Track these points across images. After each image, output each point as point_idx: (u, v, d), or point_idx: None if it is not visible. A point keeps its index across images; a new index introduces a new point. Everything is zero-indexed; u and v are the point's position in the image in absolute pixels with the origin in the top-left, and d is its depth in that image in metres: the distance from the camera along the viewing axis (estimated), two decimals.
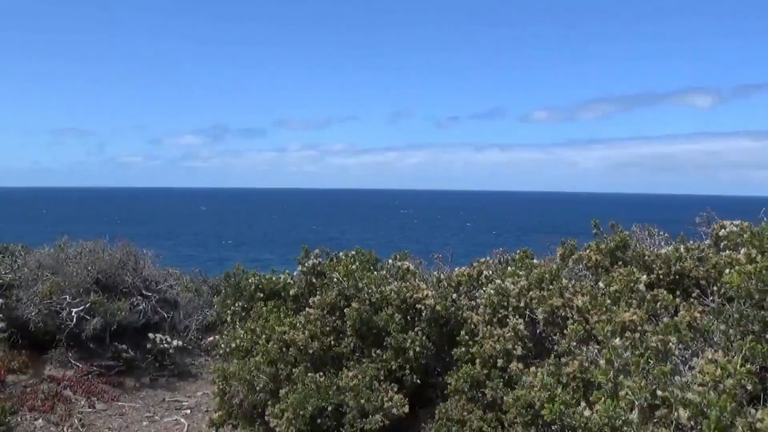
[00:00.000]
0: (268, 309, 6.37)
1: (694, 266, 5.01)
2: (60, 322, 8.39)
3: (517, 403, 3.87)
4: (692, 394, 2.92)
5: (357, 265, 5.68)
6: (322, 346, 5.29)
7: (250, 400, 5.81)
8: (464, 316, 5.09)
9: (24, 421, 6.71)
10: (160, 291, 10.03)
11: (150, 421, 7.22)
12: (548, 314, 4.56)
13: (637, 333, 3.87)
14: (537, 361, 4.48)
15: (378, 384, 4.83)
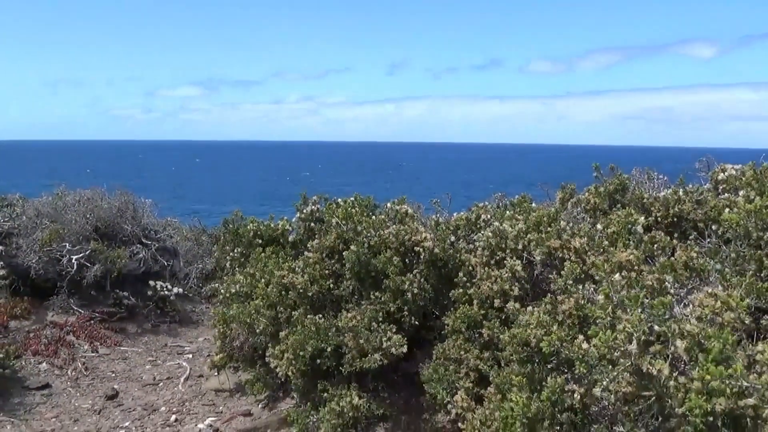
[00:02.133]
0: (267, 255, 6.39)
1: (693, 209, 5.01)
2: (60, 269, 8.44)
3: (514, 341, 3.91)
4: (690, 326, 2.94)
5: (356, 209, 5.67)
6: (321, 289, 5.32)
7: (250, 342, 5.90)
8: (462, 258, 5.10)
9: (28, 364, 6.82)
10: (160, 240, 10.08)
11: (153, 364, 7.34)
12: (546, 256, 4.57)
13: (633, 272, 3.89)
14: (534, 303, 4.52)
15: (377, 325, 4.88)
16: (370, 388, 5.19)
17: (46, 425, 5.54)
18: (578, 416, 3.64)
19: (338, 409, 4.74)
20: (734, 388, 2.65)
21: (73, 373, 6.81)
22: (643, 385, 3.07)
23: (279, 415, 5.31)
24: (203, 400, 6.06)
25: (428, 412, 5.03)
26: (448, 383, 4.52)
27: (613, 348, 2.93)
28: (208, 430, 5.28)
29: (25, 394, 6.18)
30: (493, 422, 3.76)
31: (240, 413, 5.57)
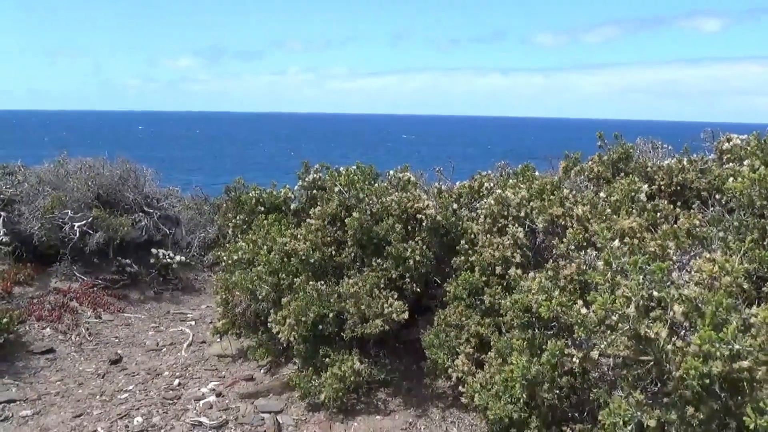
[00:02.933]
0: (269, 222, 6.40)
1: (696, 178, 4.99)
2: (63, 236, 8.47)
3: (515, 306, 3.93)
4: (688, 291, 2.95)
5: (358, 177, 5.66)
6: (323, 256, 5.34)
7: (252, 308, 5.93)
8: (464, 226, 5.11)
9: (32, 329, 6.87)
10: (162, 208, 10.09)
11: (156, 330, 7.40)
12: (548, 223, 4.57)
13: (635, 239, 3.90)
14: (535, 270, 4.53)
15: (378, 291, 4.91)
16: (372, 354, 5.24)
17: (51, 388, 5.60)
18: (577, 380, 3.67)
19: (340, 374, 4.78)
20: (727, 351, 2.66)
21: (76, 338, 6.86)
22: (641, 349, 3.09)
23: (281, 380, 5.36)
24: (206, 365, 6.12)
25: (429, 378, 5.08)
26: (449, 349, 4.56)
27: (612, 312, 2.94)
28: (210, 394, 5.33)
29: (30, 358, 6.24)
30: (494, 385, 3.80)
31: (242, 378, 5.63)
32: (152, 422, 4.84)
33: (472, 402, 4.01)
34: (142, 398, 5.33)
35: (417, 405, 4.87)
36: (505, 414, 3.63)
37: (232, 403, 5.15)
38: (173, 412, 5.02)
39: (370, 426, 4.62)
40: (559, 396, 3.69)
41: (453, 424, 4.56)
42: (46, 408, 5.20)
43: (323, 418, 4.79)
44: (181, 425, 4.76)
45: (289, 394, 5.17)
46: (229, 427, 4.74)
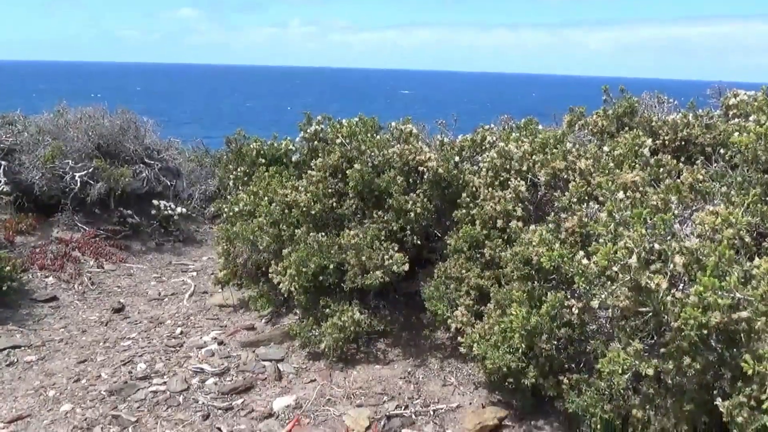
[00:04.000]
0: (270, 174, 6.38)
1: (701, 133, 4.95)
2: (64, 186, 8.46)
3: (515, 259, 3.95)
4: (690, 243, 2.96)
5: (360, 128, 5.61)
6: (324, 208, 5.33)
7: (253, 259, 5.96)
8: (466, 179, 5.09)
9: (35, 278, 6.93)
10: (163, 160, 10.06)
11: (158, 281, 7.46)
12: (550, 177, 4.55)
13: (638, 193, 3.89)
14: (537, 224, 4.53)
15: (379, 243, 4.92)
16: (372, 305, 5.28)
17: (55, 335, 5.68)
18: (575, 332, 3.71)
19: (340, 324, 4.83)
20: (728, 301, 2.68)
21: (79, 287, 6.92)
22: (641, 300, 3.12)
23: (282, 330, 5.43)
24: (207, 314, 6.19)
25: (428, 329, 5.14)
26: (448, 301, 4.60)
27: (613, 262, 2.95)
28: (212, 342, 5.40)
29: (33, 305, 6.31)
30: (492, 336, 3.85)
31: (244, 327, 5.70)
32: (155, 369, 4.91)
33: (470, 352, 4.05)
34: (144, 346, 5.41)
35: (416, 355, 4.94)
36: (504, 363, 3.68)
37: (234, 352, 5.22)
38: (176, 359, 5.10)
39: (369, 374, 4.70)
40: (556, 347, 3.74)
41: (451, 374, 4.62)
42: (51, 354, 5.28)
43: (323, 367, 4.86)
44: (183, 372, 4.83)
45: (290, 344, 5.24)
46: (230, 374, 4.81)
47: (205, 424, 4.08)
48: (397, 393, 4.42)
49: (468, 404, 4.21)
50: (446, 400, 4.29)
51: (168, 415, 4.20)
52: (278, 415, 4.19)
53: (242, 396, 4.46)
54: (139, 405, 4.33)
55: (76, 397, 4.46)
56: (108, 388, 4.57)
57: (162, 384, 4.64)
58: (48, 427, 4.05)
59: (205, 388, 4.59)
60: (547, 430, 3.85)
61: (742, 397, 2.82)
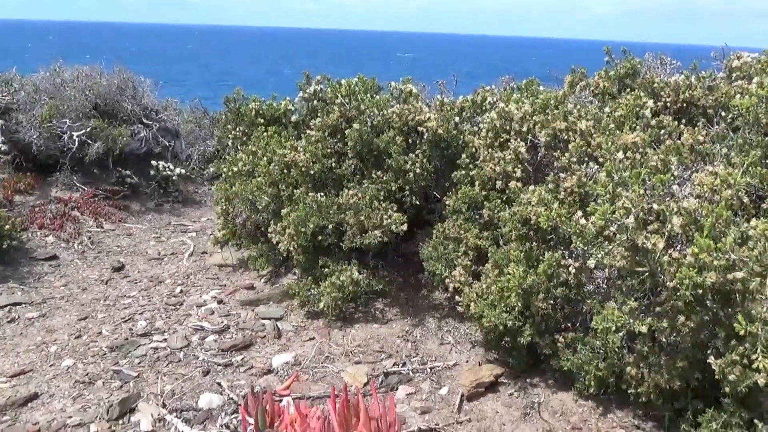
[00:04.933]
0: (269, 134, 6.34)
1: (703, 95, 4.91)
2: (62, 145, 8.44)
3: (514, 218, 3.95)
4: (688, 204, 2.96)
5: (360, 88, 5.56)
6: (323, 168, 5.32)
7: (252, 219, 5.97)
8: (466, 140, 5.06)
9: (35, 237, 6.95)
10: (161, 120, 10.01)
11: (157, 241, 7.48)
12: (550, 138, 4.53)
13: (638, 154, 3.87)
14: (536, 185, 4.53)
15: (378, 203, 4.92)
16: (370, 266, 5.31)
17: (56, 293, 5.72)
18: (572, 291, 3.74)
19: (338, 283, 4.86)
20: (723, 262, 2.70)
21: (79, 246, 6.94)
22: (637, 260, 3.13)
23: (281, 289, 5.46)
24: (207, 274, 6.22)
25: (426, 289, 5.19)
26: (446, 261, 4.61)
27: (611, 222, 2.95)
28: (212, 301, 5.45)
29: (33, 264, 6.34)
30: (490, 295, 3.87)
31: (243, 287, 5.74)
32: (155, 326, 4.96)
33: (467, 311, 4.09)
34: (145, 304, 5.45)
35: (414, 315, 4.98)
36: (500, 322, 3.72)
37: (233, 310, 5.26)
38: (176, 317, 5.14)
39: (367, 333, 4.75)
40: (553, 306, 3.77)
41: (449, 333, 4.67)
42: (52, 311, 5.32)
43: (322, 325, 4.90)
44: (183, 329, 4.88)
45: (289, 303, 5.28)
46: (230, 331, 4.86)
47: (206, 379, 4.13)
48: (395, 351, 4.47)
49: (465, 362, 4.27)
50: (443, 358, 4.35)
51: (169, 370, 4.25)
52: (277, 372, 4.25)
53: (242, 353, 4.51)
54: (140, 361, 4.39)
55: (78, 353, 4.51)
56: (109, 344, 4.62)
57: (162, 341, 4.69)
58: (50, 382, 4.10)
59: (205, 345, 4.65)
60: (542, 387, 3.90)
61: (735, 355, 2.85)
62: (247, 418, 3.26)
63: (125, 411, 3.71)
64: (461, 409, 3.74)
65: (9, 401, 3.81)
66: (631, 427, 3.48)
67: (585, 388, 3.64)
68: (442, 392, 3.93)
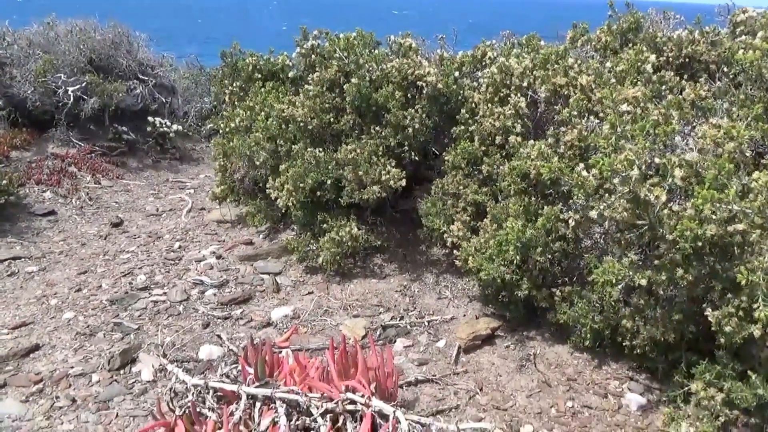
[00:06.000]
0: (267, 90, 6.27)
1: (706, 50, 4.84)
2: (57, 100, 8.34)
3: (513, 173, 3.95)
4: (690, 156, 2.95)
5: (358, 42, 5.47)
6: (322, 123, 5.27)
7: (250, 175, 5.95)
8: (465, 95, 5.01)
9: (32, 193, 6.93)
10: (157, 76, 9.87)
11: (155, 197, 7.47)
12: (551, 93, 4.48)
13: (639, 108, 3.84)
14: (536, 140, 4.50)
15: (376, 159, 4.89)
16: (369, 222, 5.32)
17: (55, 247, 5.73)
18: (570, 246, 3.76)
19: (337, 239, 4.87)
20: (725, 213, 2.70)
21: (77, 202, 6.93)
22: (638, 213, 3.14)
23: (279, 245, 5.48)
24: (205, 230, 6.22)
25: (424, 245, 5.21)
26: (445, 217, 4.62)
27: (614, 173, 2.94)
28: (211, 256, 5.46)
29: (32, 219, 6.33)
30: (488, 249, 3.89)
31: (241, 242, 5.75)
32: (155, 280, 4.99)
33: (465, 265, 4.11)
34: (144, 258, 5.47)
35: (412, 270, 5.01)
36: (498, 275, 3.74)
37: (232, 265, 5.28)
38: (175, 271, 5.17)
39: (365, 288, 4.78)
40: (551, 260, 3.79)
41: (446, 288, 4.71)
42: (51, 265, 5.34)
43: (320, 280, 4.93)
44: (183, 283, 4.91)
45: (288, 258, 5.30)
46: (229, 286, 4.89)
47: (206, 331, 4.17)
48: (393, 305, 4.51)
49: (462, 316, 4.31)
50: (441, 312, 4.39)
51: (169, 323, 4.29)
52: (276, 325, 4.29)
53: (241, 306, 4.55)
54: (140, 313, 4.42)
55: (78, 306, 4.54)
56: (109, 298, 4.65)
57: (162, 294, 4.72)
58: (51, 334, 4.14)
59: (205, 298, 4.68)
60: (538, 340, 3.95)
61: (731, 307, 2.88)
62: (247, 368, 3.31)
63: (126, 361, 3.75)
64: (458, 360, 3.79)
65: (11, 352, 3.85)
66: (625, 378, 3.53)
67: (580, 341, 3.69)
68: (440, 345, 3.97)
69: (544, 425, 3.16)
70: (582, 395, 3.42)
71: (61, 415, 3.25)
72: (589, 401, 3.36)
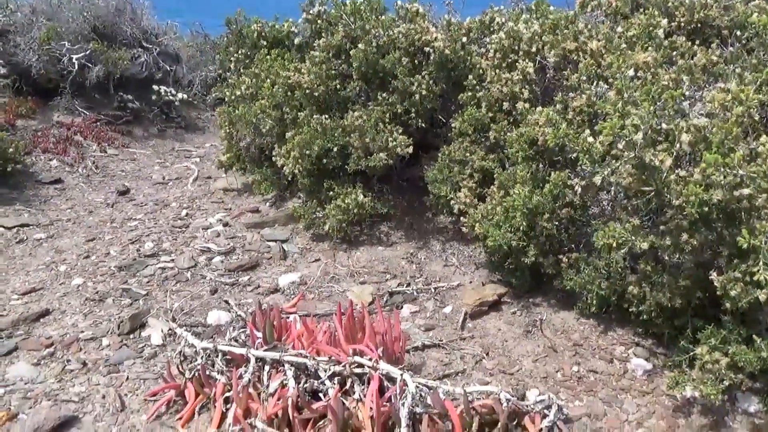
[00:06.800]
0: (272, 57, 6.22)
1: (719, 15, 4.76)
2: (62, 68, 8.30)
3: (520, 139, 3.92)
4: (698, 121, 2.92)
5: (365, 7, 5.41)
6: (328, 90, 5.23)
7: (256, 143, 5.94)
8: (473, 61, 4.96)
9: (39, 161, 6.94)
10: (161, 44, 9.81)
11: (161, 166, 7.47)
12: (560, 58, 4.43)
13: (649, 74, 3.79)
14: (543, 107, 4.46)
15: (383, 125, 4.87)
16: (375, 190, 5.31)
17: (62, 215, 5.75)
18: (577, 212, 3.75)
19: (344, 206, 4.87)
20: (731, 178, 2.68)
21: (83, 170, 6.94)
22: (644, 179, 3.12)
23: (286, 212, 5.49)
24: (212, 198, 6.24)
25: (431, 212, 5.21)
26: (451, 184, 4.61)
27: (620, 138, 2.92)
28: (218, 224, 5.48)
29: (39, 187, 6.35)
30: (494, 216, 3.88)
31: (248, 210, 5.76)
32: (162, 247, 5.01)
33: (472, 231, 4.11)
34: (151, 226, 5.49)
35: (418, 238, 5.02)
36: (505, 242, 3.74)
37: (239, 233, 5.30)
38: (182, 239, 5.19)
39: (372, 255, 4.79)
40: (557, 227, 3.78)
41: (453, 255, 4.72)
42: (59, 232, 5.37)
43: (327, 248, 4.95)
44: (190, 250, 4.93)
45: (294, 225, 5.32)
46: (236, 253, 4.91)
47: (213, 297, 4.20)
48: (400, 272, 4.53)
49: (468, 283, 4.33)
50: (447, 279, 4.41)
51: (177, 289, 4.33)
52: (284, 291, 4.31)
53: (248, 273, 4.58)
54: (149, 280, 4.46)
55: (87, 272, 4.58)
56: (117, 264, 4.68)
57: (170, 261, 4.75)
58: (61, 299, 4.18)
59: (212, 265, 4.71)
60: (545, 306, 3.97)
61: (737, 272, 2.87)
62: (256, 332, 3.34)
63: (136, 326, 3.79)
64: (464, 326, 3.81)
65: (22, 317, 3.89)
66: (631, 344, 3.55)
67: (587, 307, 3.70)
68: (446, 311, 4.00)
69: (550, 389, 3.19)
70: (588, 360, 3.44)
71: (73, 378, 3.29)
72: (595, 366, 3.39)
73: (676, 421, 2.98)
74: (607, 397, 3.14)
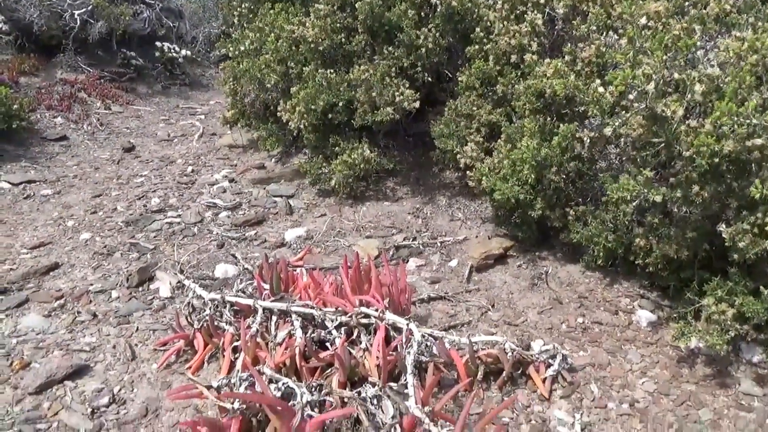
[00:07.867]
0: (276, 11, 6.11)
1: None
2: (64, 24, 8.21)
3: (528, 91, 3.87)
4: (711, 70, 2.87)
5: None
6: (333, 44, 5.15)
7: (261, 99, 5.89)
8: (480, 13, 4.86)
9: (43, 118, 6.92)
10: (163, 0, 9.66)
11: (166, 123, 7.44)
12: (569, 9, 4.33)
13: (660, 24, 3.71)
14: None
15: (389, 80, 4.81)
16: (381, 145, 5.28)
17: (68, 172, 5.76)
18: (584, 166, 3.72)
19: (350, 161, 4.85)
20: (743, 127, 2.64)
21: (88, 127, 6.92)
22: (654, 130, 3.08)
23: (292, 168, 5.48)
24: (217, 154, 6.22)
25: (437, 167, 5.18)
26: (458, 138, 4.56)
27: (630, 88, 2.87)
28: (223, 180, 5.48)
29: (44, 144, 6.35)
30: (502, 169, 3.86)
31: (254, 166, 5.74)
32: (169, 203, 5.02)
33: (479, 185, 4.09)
34: (157, 182, 5.50)
35: (424, 193, 5.01)
36: (512, 195, 3.72)
37: (245, 188, 5.31)
38: (188, 194, 5.20)
39: (378, 210, 4.79)
40: (565, 180, 3.76)
41: (459, 210, 4.71)
42: (66, 189, 5.38)
43: (333, 203, 4.95)
44: (196, 206, 4.94)
45: (300, 181, 5.31)
46: (242, 208, 4.92)
47: (220, 251, 4.23)
48: (406, 227, 4.53)
49: (474, 237, 4.33)
50: (453, 233, 4.41)
51: (184, 243, 4.35)
52: (290, 245, 4.33)
53: (255, 228, 4.59)
54: (156, 234, 4.48)
55: (95, 227, 4.60)
56: (124, 220, 4.70)
57: (176, 216, 4.76)
58: (69, 254, 4.21)
59: (219, 220, 4.72)
60: (551, 260, 3.97)
61: (746, 224, 2.86)
62: (263, 284, 3.37)
63: (144, 279, 3.82)
64: (470, 279, 3.83)
65: (31, 270, 3.93)
66: (636, 296, 3.56)
67: (593, 260, 3.71)
68: (452, 264, 4.01)
69: (554, 340, 3.21)
70: (593, 312, 3.46)
71: (83, 329, 3.33)
72: (600, 318, 3.41)
73: (679, 370, 3.01)
74: (612, 347, 3.17)
